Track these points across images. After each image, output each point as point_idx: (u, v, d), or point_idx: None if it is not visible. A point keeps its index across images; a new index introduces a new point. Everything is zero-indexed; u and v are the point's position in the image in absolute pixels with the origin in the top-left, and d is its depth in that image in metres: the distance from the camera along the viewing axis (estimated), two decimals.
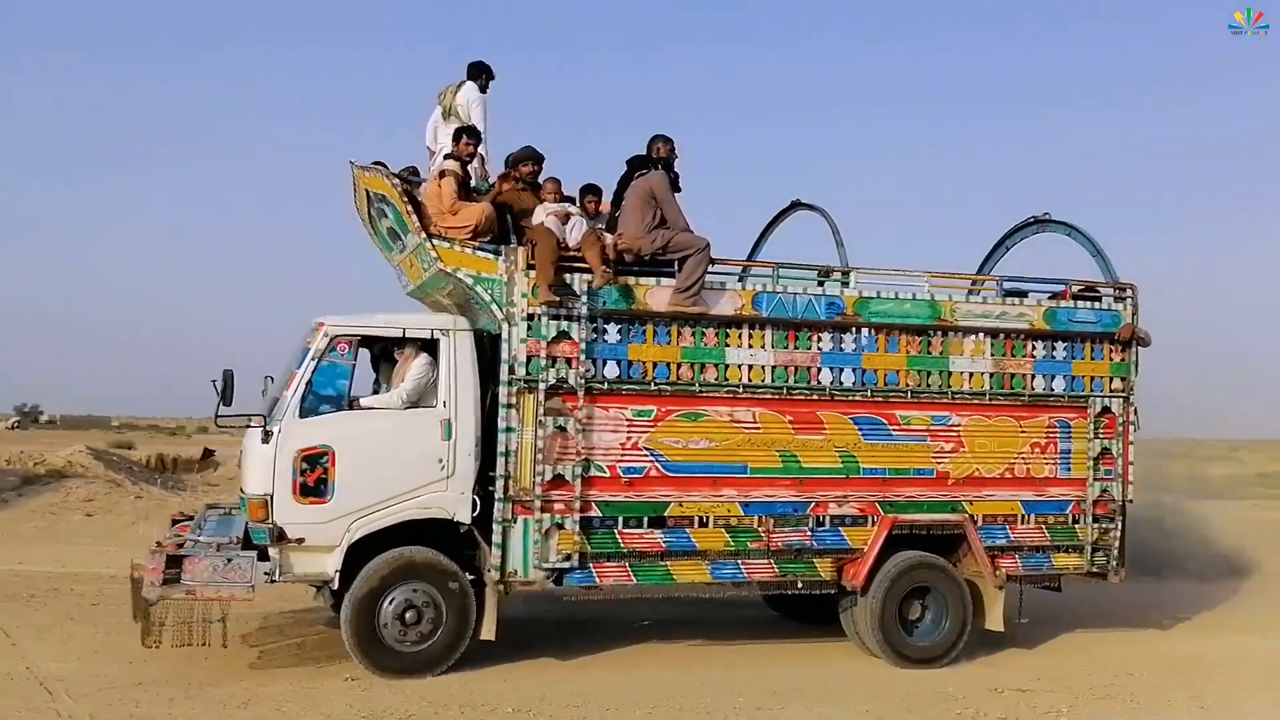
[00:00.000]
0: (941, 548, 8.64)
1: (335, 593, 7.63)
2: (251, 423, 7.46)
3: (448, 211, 7.78)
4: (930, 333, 8.58)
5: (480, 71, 8.93)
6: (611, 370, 7.91)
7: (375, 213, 8.43)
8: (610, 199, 8.58)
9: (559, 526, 7.73)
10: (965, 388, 8.65)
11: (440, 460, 7.60)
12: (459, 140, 8.22)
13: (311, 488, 7.34)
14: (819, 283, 8.60)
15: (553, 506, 7.72)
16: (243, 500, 7.61)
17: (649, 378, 7.98)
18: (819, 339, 8.36)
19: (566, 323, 7.78)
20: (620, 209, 8.31)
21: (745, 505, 8.13)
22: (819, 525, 8.30)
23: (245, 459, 7.76)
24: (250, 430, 7.56)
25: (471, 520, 7.67)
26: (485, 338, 7.94)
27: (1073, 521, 8.88)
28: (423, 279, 8.25)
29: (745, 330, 8.20)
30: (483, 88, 8.92)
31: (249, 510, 7.38)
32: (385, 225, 8.39)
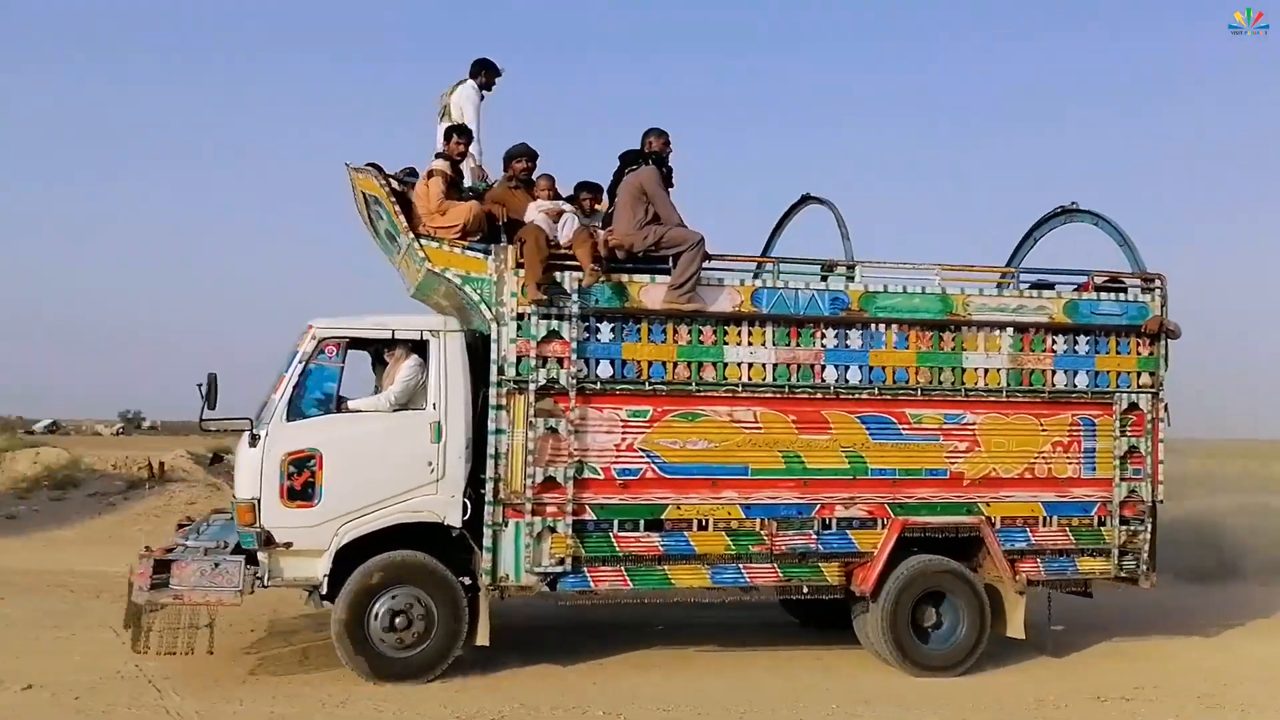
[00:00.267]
0: (959, 551, 8.30)
1: (325, 597, 7.56)
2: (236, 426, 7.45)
3: (435, 211, 7.70)
4: (942, 328, 8.25)
5: (481, 69, 8.83)
6: (605, 370, 7.74)
7: (373, 215, 8.38)
8: (607, 195, 8.42)
9: (551, 530, 7.58)
10: (980, 384, 8.29)
11: (430, 463, 7.50)
12: (449, 139, 8.14)
13: (299, 491, 7.29)
14: (822, 277, 8.32)
15: (544, 509, 7.58)
16: (233, 504, 7.60)
17: (644, 377, 7.78)
18: (823, 335, 8.08)
19: (557, 322, 7.63)
20: (613, 205, 8.15)
21: (746, 507, 7.89)
22: (825, 528, 8.02)
23: (235, 463, 7.74)
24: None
25: (464, 524, 7.56)
26: (479, 339, 7.83)
27: (1098, 524, 8.44)
28: (418, 280, 8.18)
29: (744, 327, 7.96)
30: (484, 85, 8.83)
31: (237, 514, 7.37)
32: (382, 227, 8.33)
